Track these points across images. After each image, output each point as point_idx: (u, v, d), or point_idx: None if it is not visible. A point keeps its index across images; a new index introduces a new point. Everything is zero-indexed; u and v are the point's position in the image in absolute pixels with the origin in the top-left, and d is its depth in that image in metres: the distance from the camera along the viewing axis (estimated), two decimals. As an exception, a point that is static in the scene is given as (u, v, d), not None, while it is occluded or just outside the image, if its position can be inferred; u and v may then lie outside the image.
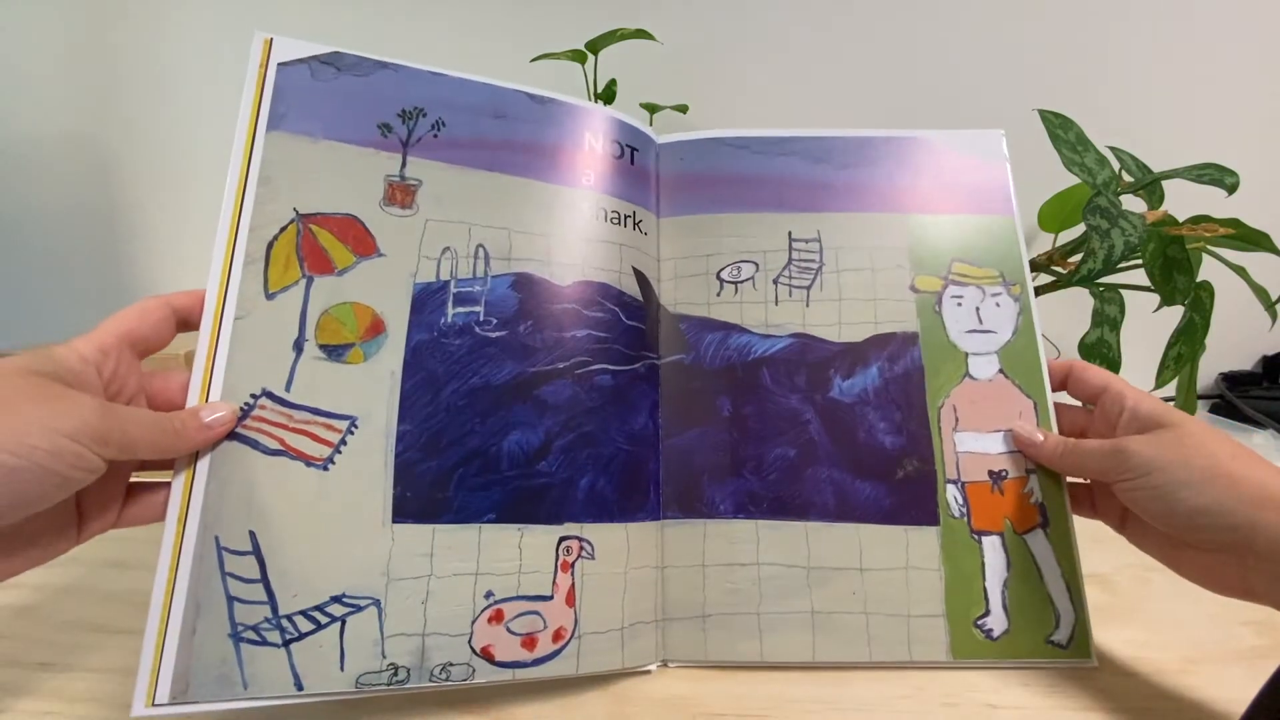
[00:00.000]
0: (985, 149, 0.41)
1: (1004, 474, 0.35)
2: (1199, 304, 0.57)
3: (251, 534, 0.29)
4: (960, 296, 0.37)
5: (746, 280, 0.39)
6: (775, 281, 0.39)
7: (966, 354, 0.37)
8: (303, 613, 0.29)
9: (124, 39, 0.76)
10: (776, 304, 0.38)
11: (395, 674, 0.29)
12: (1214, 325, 0.58)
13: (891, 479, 0.35)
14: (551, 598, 0.32)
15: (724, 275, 0.39)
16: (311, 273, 0.32)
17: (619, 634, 0.33)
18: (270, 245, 0.32)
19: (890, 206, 0.40)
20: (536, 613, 0.31)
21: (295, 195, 0.32)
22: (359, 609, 0.29)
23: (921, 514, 0.35)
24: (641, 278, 0.38)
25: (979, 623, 0.33)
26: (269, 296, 0.31)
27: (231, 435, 0.30)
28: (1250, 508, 0.26)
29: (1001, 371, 0.36)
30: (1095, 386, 0.35)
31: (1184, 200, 0.61)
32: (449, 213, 0.35)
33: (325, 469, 0.30)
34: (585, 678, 0.32)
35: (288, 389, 0.31)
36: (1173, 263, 0.53)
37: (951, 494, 0.35)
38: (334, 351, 0.32)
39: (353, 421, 0.31)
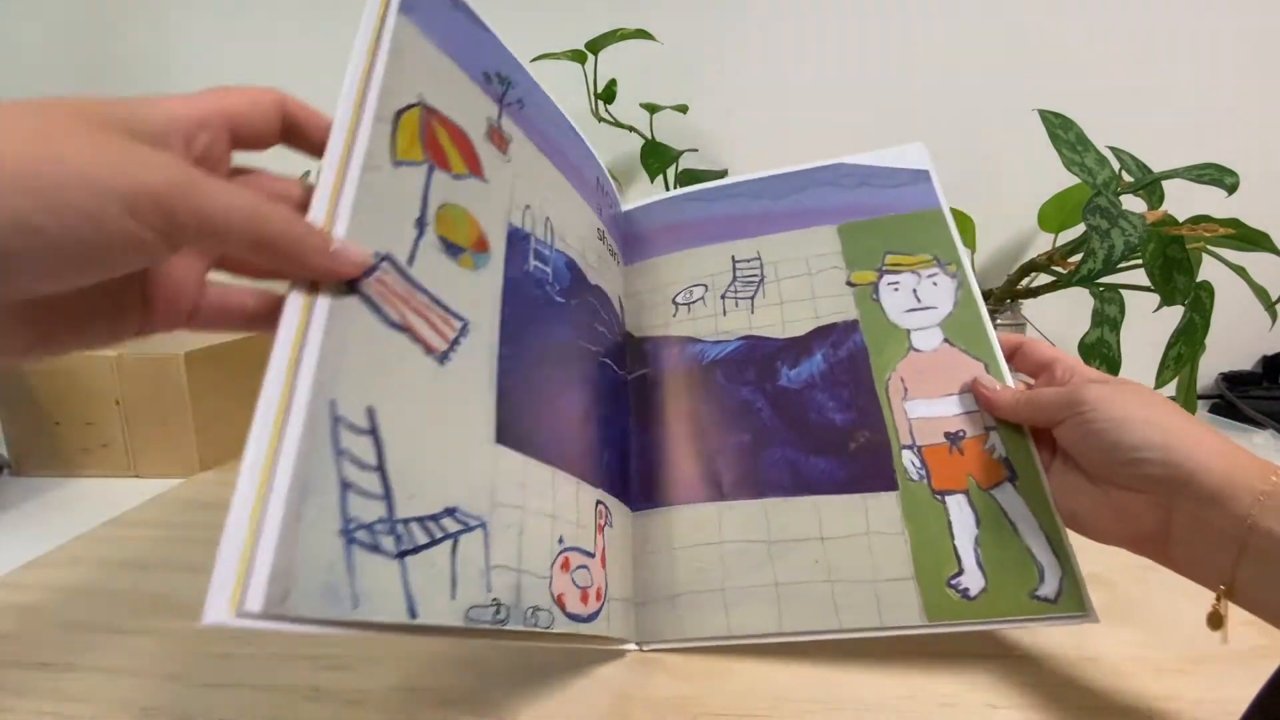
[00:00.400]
0: (909, 160, 0.44)
1: (961, 434, 0.36)
2: (1199, 304, 0.57)
3: (370, 411, 0.23)
4: (896, 282, 0.40)
5: (697, 300, 0.43)
6: (722, 297, 0.43)
7: (908, 330, 0.39)
8: (418, 520, 0.24)
9: (124, 38, 0.76)
10: (725, 315, 0.42)
11: (497, 612, 0.26)
12: (1214, 325, 0.58)
13: (845, 452, 0.37)
14: (594, 555, 0.33)
15: (678, 299, 0.44)
16: (432, 160, 0.29)
17: (624, 604, 0.35)
18: (399, 114, 0.28)
19: (824, 221, 0.43)
20: (587, 567, 0.32)
21: (419, 84, 0.30)
22: (469, 529, 0.26)
23: (878, 481, 0.36)
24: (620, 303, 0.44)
25: (953, 582, 0.33)
26: (395, 163, 0.27)
27: (353, 290, 0.24)
28: (1192, 449, 0.27)
29: (946, 340, 0.38)
30: (1045, 359, 0.36)
31: (1184, 200, 0.62)
32: (528, 177, 0.36)
33: (441, 363, 0.27)
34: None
35: (410, 264, 0.27)
36: (1173, 263, 0.53)
37: (908, 459, 0.36)
38: (450, 248, 0.29)
39: (465, 325, 0.29)
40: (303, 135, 0.26)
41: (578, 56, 0.67)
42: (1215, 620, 0.28)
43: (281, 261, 0.22)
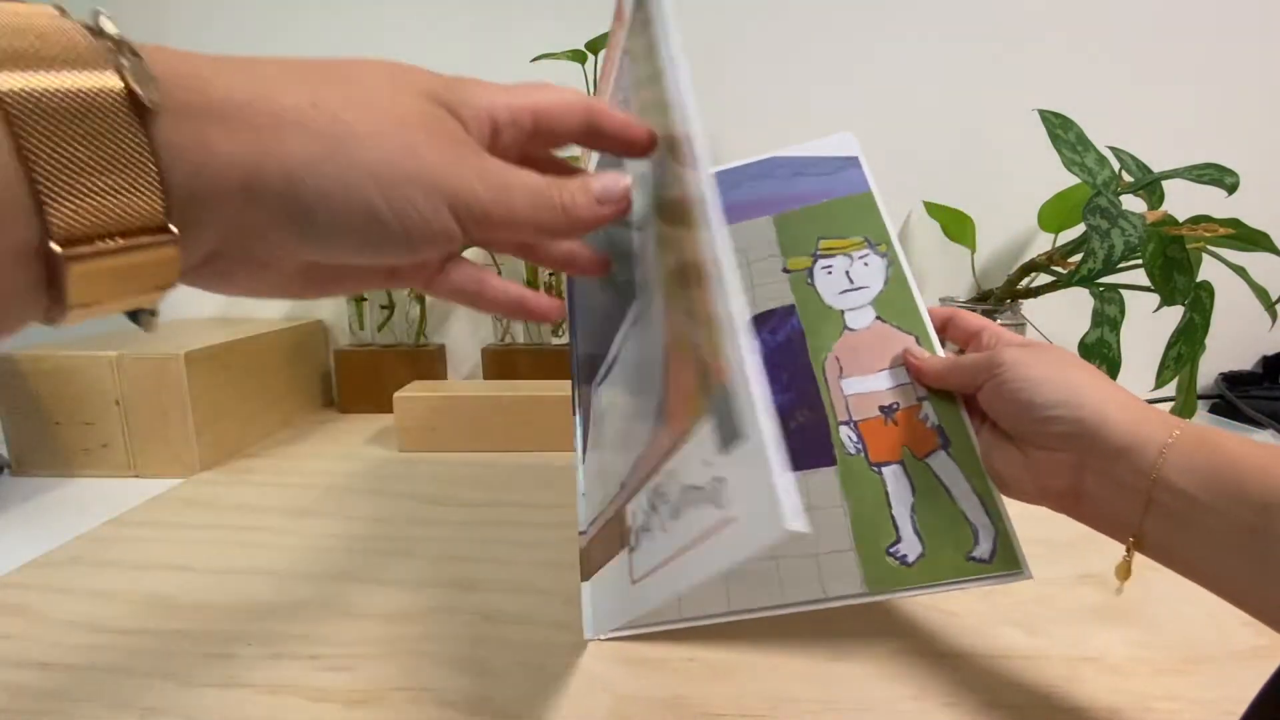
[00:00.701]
0: (838, 148, 0.44)
1: (894, 406, 0.37)
2: (1199, 304, 0.57)
3: None
4: (830, 266, 0.41)
5: None
6: None
7: (842, 311, 0.40)
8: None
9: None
10: None
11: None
12: (1214, 325, 0.58)
13: (785, 432, 0.38)
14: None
15: None
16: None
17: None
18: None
19: (759, 213, 0.44)
20: None
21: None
22: None
23: (818, 458, 0.37)
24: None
25: (892, 550, 0.34)
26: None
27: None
28: (1101, 403, 0.29)
29: (878, 318, 0.39)
30: (973, 328, 0.37)
31: (1184, 200, 0.61)
32: None
33: None
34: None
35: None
36: (1173, 263, 0.53)
37: (845, 434, 0.37)
38: None
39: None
40: (604, 140, 0.26)
41: (578, 56, 0.67)
42: (1123, 571, 0.30)
43: (556, 235, 0.25)
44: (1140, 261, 0.54)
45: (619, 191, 0.24)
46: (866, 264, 0.40)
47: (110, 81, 0.14)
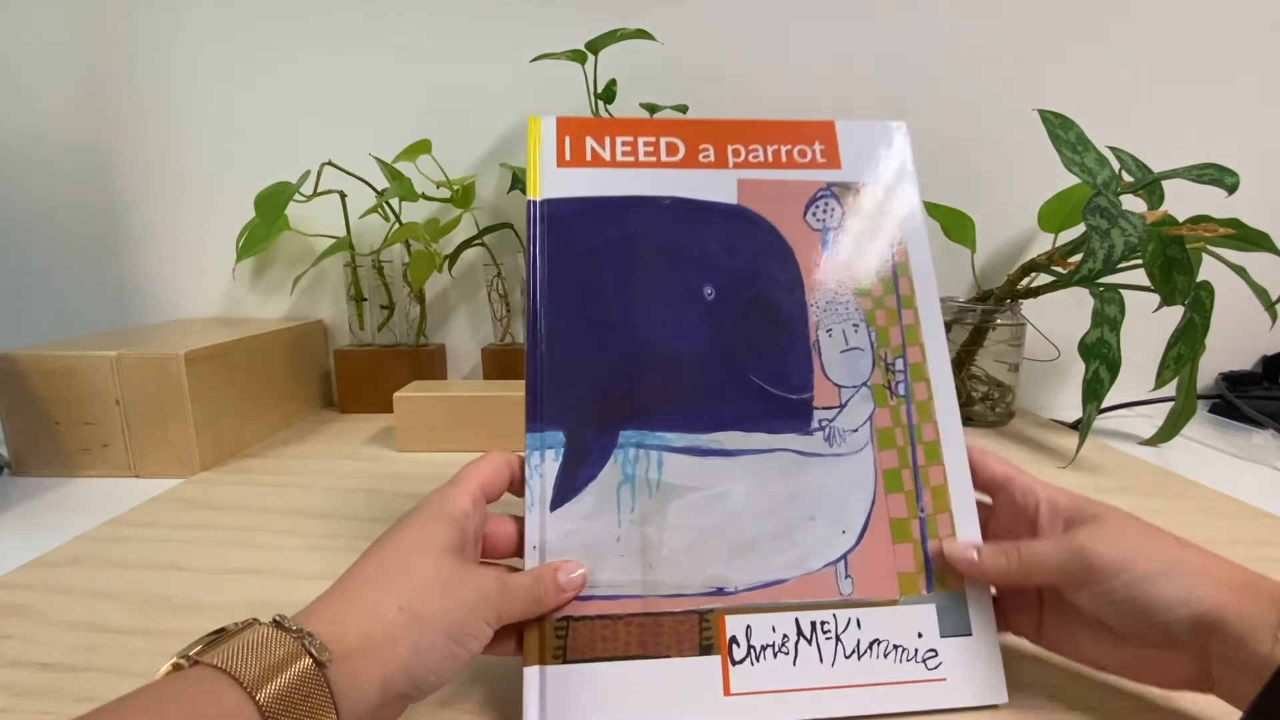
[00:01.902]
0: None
1: None
2: (1199, 304, 0.57)
3: None
4: None
5: None
6: None
7: None
8: None
9: (124, 38, 0.76)
10: None
11: None
12: (1214, 325, 0.58)
13: None
14: None
15: None
16: None
17: None
18: None
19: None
20: None
21: None
22: None
23: None
24: None
25: None
26: None
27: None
28: (1215, 591, 0.26)
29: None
30: (997, 477, 0.33)
31: (1184, 200, 0.62)
32: None
33: None
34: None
35: None
36: (1173, 263, 0.53)
37: None
38: None
39: None
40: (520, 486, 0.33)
41: (578, 56, 0.67)
42: None
43: (535, 616, 0.30)
44: (1140, 261, 0.54)
45: (579, 577, 0.31)
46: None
47: (305, 661, 0.23)
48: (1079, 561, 0.28)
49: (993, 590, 0.33)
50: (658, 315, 0.35)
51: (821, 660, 0.30)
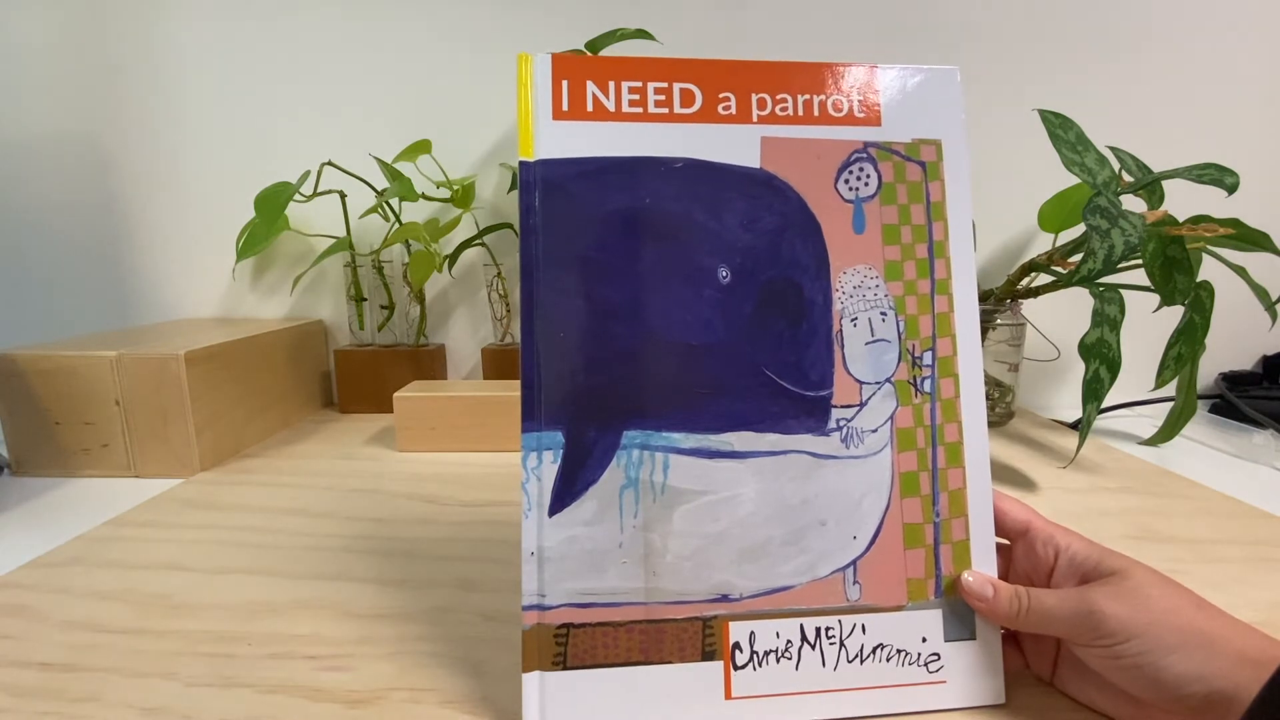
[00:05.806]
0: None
1: None
2: (1199, 304, 0.57)
3: None
4: None
5: None
6: None
7: None
8: None
9: (124, 38, 0.76)
10: None
11: None
12: (1214, 325, 0.58)
13: None
14: None
15: None
16: None
17: None
18: None
19: None
20: None
21: None
22: None
23: None
24: None
25: None
26: None
27: None
28: (1233, 667, 0.25)
29: None
30: (1018, 524, 0.33)
31: (1184, 200, 0.62)
32: None
33: None
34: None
35: None
36: (1173, 263, 0.53)
37: None
38: None
39: None
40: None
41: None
42: None
43: None
44: (1140, 261, 0.54)
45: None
46: None
47: None
48: (1087, 620, 0.27)
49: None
50: (667, 300, 0.31)
51: (824, 665, 0.30)
